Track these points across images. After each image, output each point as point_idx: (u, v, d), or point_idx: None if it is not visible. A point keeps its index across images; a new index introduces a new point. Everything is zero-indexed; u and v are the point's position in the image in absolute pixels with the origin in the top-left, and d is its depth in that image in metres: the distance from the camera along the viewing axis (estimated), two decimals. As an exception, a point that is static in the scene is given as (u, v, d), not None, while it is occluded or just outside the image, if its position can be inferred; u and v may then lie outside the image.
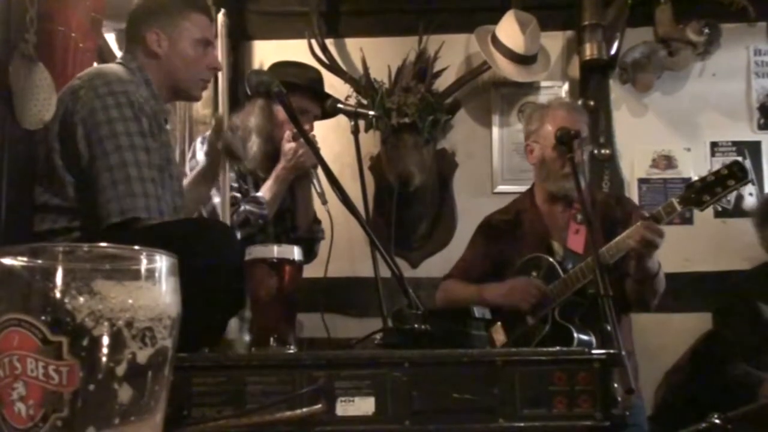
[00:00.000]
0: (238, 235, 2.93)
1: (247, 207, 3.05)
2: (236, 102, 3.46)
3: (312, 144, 2.63)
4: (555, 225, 3.34)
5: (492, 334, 3.17)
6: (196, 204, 3.00)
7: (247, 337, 3.08)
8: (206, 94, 3.93)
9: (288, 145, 3.13)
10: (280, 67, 3.43)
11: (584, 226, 3.17)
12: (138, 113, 2.39)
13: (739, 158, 3.09)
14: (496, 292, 3.22)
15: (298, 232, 3.31)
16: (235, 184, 3.13)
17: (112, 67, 2.61)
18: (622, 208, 3.37)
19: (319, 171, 3.04)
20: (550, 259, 3.18)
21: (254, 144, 3.22)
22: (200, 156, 3.16)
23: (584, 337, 3.05)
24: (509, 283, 3.20)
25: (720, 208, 4.30)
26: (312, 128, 3.26)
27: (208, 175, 2.96)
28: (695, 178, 3.15)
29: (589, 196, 3.28)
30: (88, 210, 2.39)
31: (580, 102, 4.24)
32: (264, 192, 3.12)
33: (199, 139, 3.27)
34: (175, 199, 2.61)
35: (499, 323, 3.21)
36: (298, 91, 3.13)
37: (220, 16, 3.13)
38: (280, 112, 3.19)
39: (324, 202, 3.04)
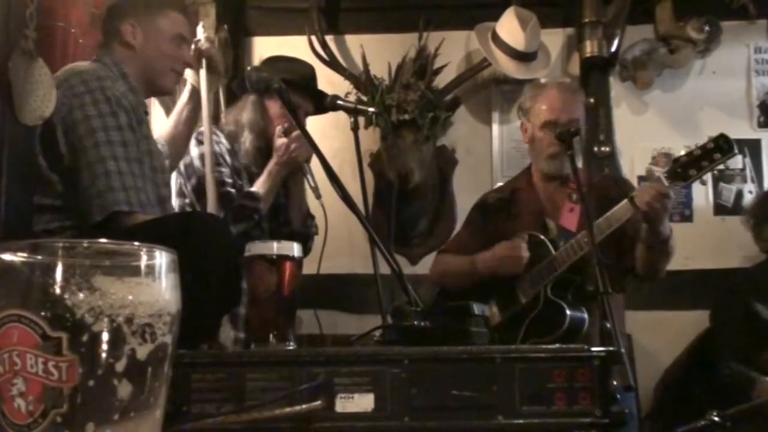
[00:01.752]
0: (234, 231, 2.93)
1: (242, 202, 3.05)
2: (235, 98, 3.46)
3: (310, 138, 2.62)
4: (550, 203, 3.34)
5: None
6: (184, 139, 3.10)
7: (241, 334, 3.09)
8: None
9: (280, 141, 3.13)
10: (273, 62, 3.42)
11: (579, 205, 3.18)
12: (115, 108, 2.41)
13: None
14: (487, 262, 3.22)
15: (291, 227, 3.31)
16: (230, 180, 3.13)
17: (87, 64, 2.63)
18: (619, 189, 3.37)
19: (314, 166, 3.05)
20: (542, 237, 3.19)
21: (246, 139, 3.21)
22: (194, 152, 3.16)
23: (576, 314, 3.06)
24: (494, 252, 3.21)
25: (718, 200, 4.30)
26: (305, 124, 3.25)
27: (193, 98, 3.06)
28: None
29: (586, 179, 3.30)
30: (76, 208, 2.41)
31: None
32: (258, 187, 3.12)
33: (193, 135, 3.26)
34: (160, 191, 2.63)
35: (492, 301, 3.22)
36: (290, 88, 3.13)
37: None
38: (272, 107, 3.20)
39: (318, 196, 3.05)
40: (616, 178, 3.76)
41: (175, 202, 3.17)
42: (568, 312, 3.05)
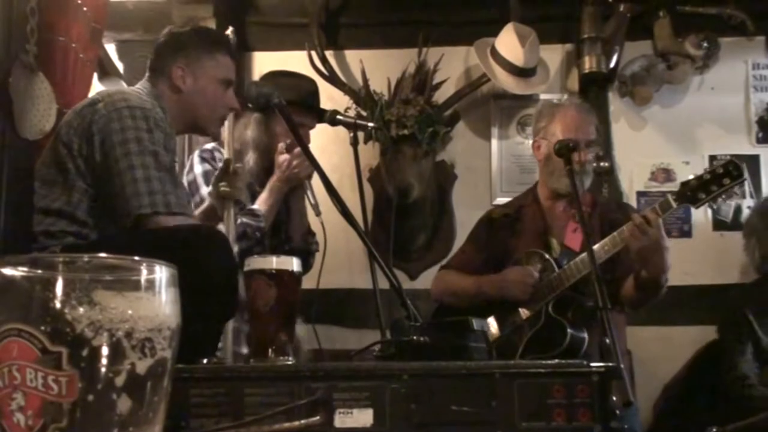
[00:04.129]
0: (236, 248, 2.93)
1: (245, 220, 3.04)
2: (236, 114, 3.46)
3: (311, 156, 2.63)
4: (555, 222, 3.36)
5: None
6: None
7: (244, 350, 3.08)
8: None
9: (282, 157, 3.12)
10: (274, 77, 3.41)
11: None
12: (153, 126, 2.46)
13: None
14: (494, 285, 3.23)
15: (292, 243, 3.31)
16: None
17: (131, 88, 2.67)
18: (623, 213, 3.38)
19: (314, 182, 3.05)
20: (546, 255, 3.19)
21: (251, 158, 3.21)
22: (198, 169, 3.16)
23: (577, 333, 3.07)
24: (505, 275, 3.21)
25: (717, 216, 4.31)
26: (308, 141, 3.26)
27: (211, 216, 2.96)
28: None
29: (590, 199, 3.32)
30: (84, 216, 2.43)
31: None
32: (259, 204, 3.12)
33: (196, 153, 3.27)
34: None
35: (491, 317, 3.22)
36: (294, 106, 3.13)
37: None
38: (276, 125, 3.19)
39: (318, 213, 3.04)
40: (619, 203, 3.78)
41: None
42: (569, 330, 3.05)
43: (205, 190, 3.07)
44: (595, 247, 2.97)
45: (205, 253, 2.24)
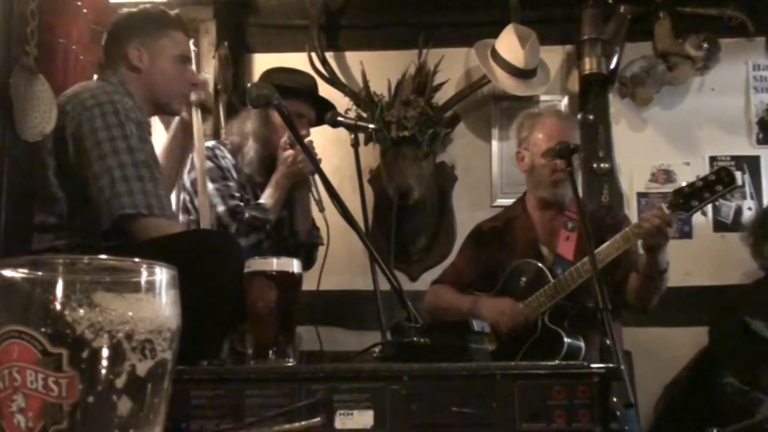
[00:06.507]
0: (244, 242, 2.94)
1: (253, 213, 3.06)
2: (236, 114, 3.47)
3: (310, 153, 2.64)
4: (545, 231, 3.36)
5: None
6: (172, 177, 3.09)
7: (250, 351, 3.09)
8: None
9: (286, 152, 3.14)
10: (273, 73, 3.43)
11: (575, 233, 3.20)
12: (123, 120, 2.44)
13: (729, 167, 3.12)
14: (485, 309, 3.22)
15: (298, 238, 3.32)
16: (237, 194, 3.14)
17: (95, 82, 2.66)
18: (613, 217, 3.40)
19: (317, 178, 3.05)
20: (540, 265, 3.19)
21: (251, 149, 3.22)
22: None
23: (574, 342, 3.06)
24: (499, 305, 3.21)
25: (717, 217, 4.31)
26: (308, 133, 3.27)
27: (187, 131, 3.04)
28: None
29: (581, 206, 3.32)
30: (84, 226, 2.42)
31: (579, 116, 4.28)
32: (265, 199, 3.14)
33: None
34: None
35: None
36: (294, 96, 3.15)
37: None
38: (276, 116, 3.19)
39: (321, 209, 3.05)
40: (608, 207, 3.79)
41: (180, 219, 3.18)
42: (566, 340, 3.05)
43: (211, 185, 3.07)
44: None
45: (217, 258, 2.25)
